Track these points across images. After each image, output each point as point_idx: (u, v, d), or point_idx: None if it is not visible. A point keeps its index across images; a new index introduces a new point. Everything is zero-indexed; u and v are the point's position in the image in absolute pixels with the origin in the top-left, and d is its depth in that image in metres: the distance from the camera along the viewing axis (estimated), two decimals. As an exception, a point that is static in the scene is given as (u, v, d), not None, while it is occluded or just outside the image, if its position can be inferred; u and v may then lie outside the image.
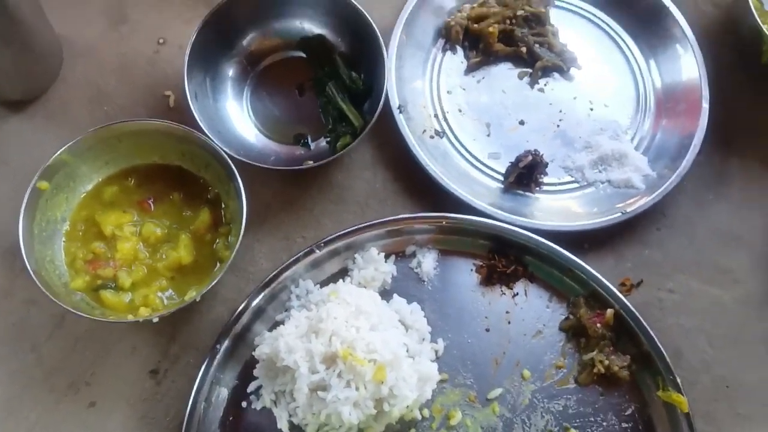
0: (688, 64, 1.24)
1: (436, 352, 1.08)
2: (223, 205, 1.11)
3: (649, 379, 1.06)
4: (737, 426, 1.09)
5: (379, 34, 1.15)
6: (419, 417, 1.04)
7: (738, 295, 1.15)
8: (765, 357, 1.12)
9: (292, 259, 1.08)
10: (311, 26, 1.24)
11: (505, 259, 1.13)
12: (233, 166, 1.05)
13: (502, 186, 1.21)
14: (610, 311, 1.07)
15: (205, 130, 1.09)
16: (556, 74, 1.27)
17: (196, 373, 1.02)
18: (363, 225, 1.11)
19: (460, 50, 1.29)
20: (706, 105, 1.20)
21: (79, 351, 1.09)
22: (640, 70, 1.28)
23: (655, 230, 1.18)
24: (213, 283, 1.00)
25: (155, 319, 0.98)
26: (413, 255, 1.14)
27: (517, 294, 1.12)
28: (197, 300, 1.00)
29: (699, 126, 1.19)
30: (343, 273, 1.12)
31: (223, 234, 1.10)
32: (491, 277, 1.13)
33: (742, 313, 1.14)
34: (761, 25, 1.18)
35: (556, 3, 1.32)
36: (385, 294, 1.11)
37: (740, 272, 1.16)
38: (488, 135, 1.24)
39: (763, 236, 1.18)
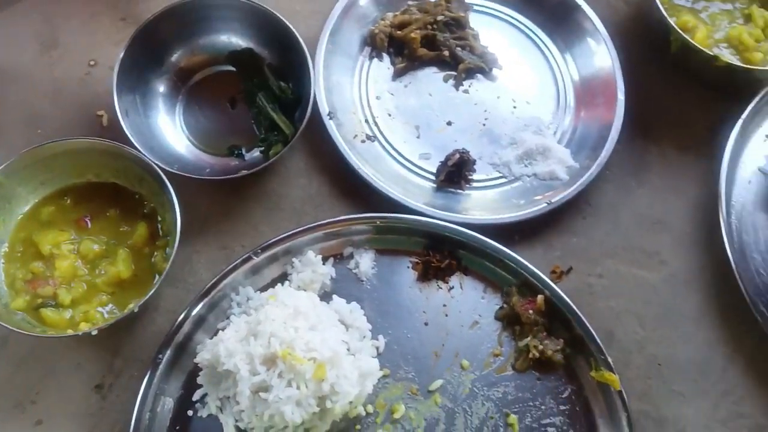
0: (602, 58, 1.30)
1: (377, 348, 1.11)
2: (159, 219, 1.13)
3: (582, 361, 1.10)
4: (672, 402, 1.13)
5: (303, 45, 1.19)
6: (363, 413, 1.07)
7: (664, 275, 1.20)
8: (694, 333, 1.17)
9: (230, 267, 1.10)
10: (239, 40, 1.27)
11: (440, 254, 1.16)
12: (165, 179, 1.07)
13: (434, 185, 1.24)
14: (540, 297, 1.11)
15: (138, 146, 1.11)
16: (479, 75, 1.32)
17: (140, 385, 1.03)
18: (299, 229, 1.14)
19: (386, 57, 1.33)
20: (621, 96, 1.26)
21: (24, 370, 1.09)
22: (558, 66, 1.33)
23: (581, 219, 1.23)
24: (150, 294, 1.01)
25: (94, 332, 0.99)
26: (351, 256, 1.16)
27: (453, 287, 1.16)
28: (135, 311, 1.01)
29: (616, 116, 1.25)
30: (283, 278, 1.14)
31: (160, 247, 1.11)
32: (427, 273, 1.16)
33: (670, 293, 1.19)
34: (667, 17, 1.25)
35: (475, 7, 1.37)
36: (326, 296, 1.13)
37: (665, 254, 1.21)
38: (418, 137, 1.28)
39: (685, 218, 1.24)
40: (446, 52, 1.31)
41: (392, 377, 1.10)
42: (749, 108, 1.26)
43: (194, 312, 1.08)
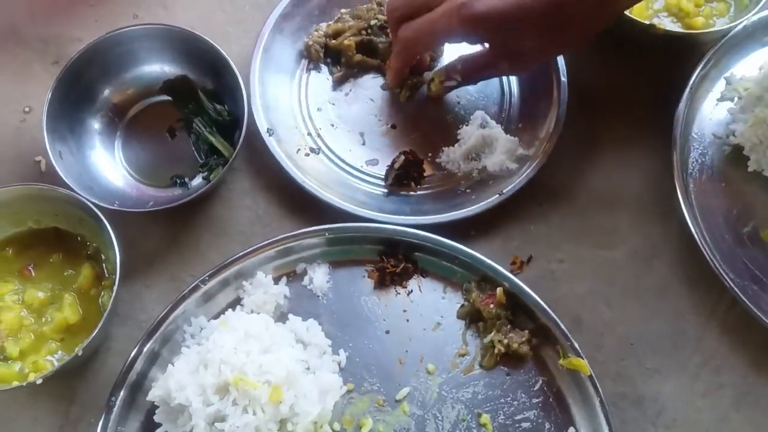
0: (539, 42, 1.27)
1: (339, 363, 1.08)
2: (103, 258, 1.11)
3: (550, 350, 1.07)
4: (648, 380, 1.10)
5: (233, 65, 1.17)
6: (330, 431, 1.03)
7: (626, 252, 1.17)
8: (663, 307, 1.14)
9: (179, 298, 1.08)
10: (171, 69, 1.25)
11: (394, 259, 1.14)
12: (102, 217, 1.05)
13: (384, 190, 1.22)
14: (499, 290, 1.08)
15: (74, 187, 1.09)
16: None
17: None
18: (246, 251, 1.11)
19: (324, 67, 1.31)
20: (564, 78, 1.24)
21: (-21, 431, 1.06)
22: (497, 55, 1.31)
23: (537, 206, 1.20)
24: (93, 336, 0.99)
25: (39, 381, 0.96)
26: (304, 272, 1.14)
27: (412, 291, 1.13)
28: (80, 355, 0.98)
29: (561, 99, 1.22)
30: (236, 303, 1.11)
31: (107, 287, 1.09)
32: (384, 280, 1.13)
33: (633, 269, 1.16)
34: (599, -7, 1.23)
35: (408, 7, 1.35)
36: (282, 316, 1.11)
37: (625, 231, 1.19)
38: (363, 143, 1.25)
39: (641, 192, 1.21)
40: (384, 64, 1.29)
41: (357, 391, 1.07)
42: (696, 74, 1.23)
43: (146, 348, 1.05)
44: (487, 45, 1.15)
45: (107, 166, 1.21)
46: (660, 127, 1.22)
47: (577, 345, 1.05)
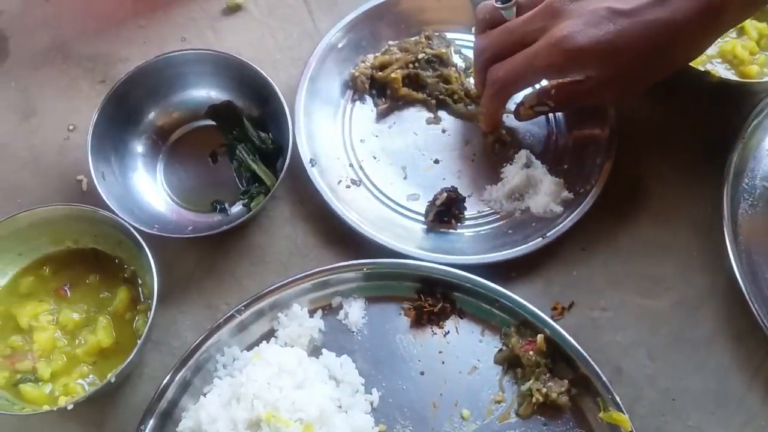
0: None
1: (371, 403, 1.05)
2: (140, 282, 1.10)
3: (590, 401, 1.04)
4: (690, 437, 1.06)
5: (280, 94, 1.16)
6: (360, 473, 1.01)
7: (672, 302, 1.14)
8: (707, 362, 1.10)
9: (214, 326, 1.06)
10: (217, 93, 1.25)
11: (433, 298, 1.11)
12: (142, 241, 1.04)
13: (424, 226, 1.20)
14: (540, 337, 1.05)
15: (114, 209, 1.08)
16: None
17: (124, 458, 0.99)
18: (284, 282, 1.10)
19: (368, 99, 1.30)
20: (612, 122, 1.21)
21: (6, 452, 1.05)
22: (545, 94, 1.29)
23: (580, 250, 1.17)
24: (128, 362, 0.98)
25: (70, 407, 0.95)
26: (340, 306, 1.12)
27: (449, 332, 1.11)
28: (112, 381, 0.97)
29: (609, 143, 1.20)
30: (270, 334, 1.10)
31: (142, 311, 1.08)
32: (420, 318, 1.11)
33: (678, 320, 1.13)
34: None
35: (457, 42, 1.34)
36: (315, 350, 1.09)
37: (670, 279, 1.15)
38: (405, 177, 1.24)
39: (689, 241, 1.18)
40: (430, 98, 1.29)
41: (389, 433, 1.04)
42: (749, 121, 1.21)
43: (178, 377, 1.04)
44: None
45: (149, 189, 1.20)
46: (710, 175, 1.19)
47: (618, 399, 1.01)
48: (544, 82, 1.20)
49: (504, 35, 1.11)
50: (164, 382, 1.03)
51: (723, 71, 1.25)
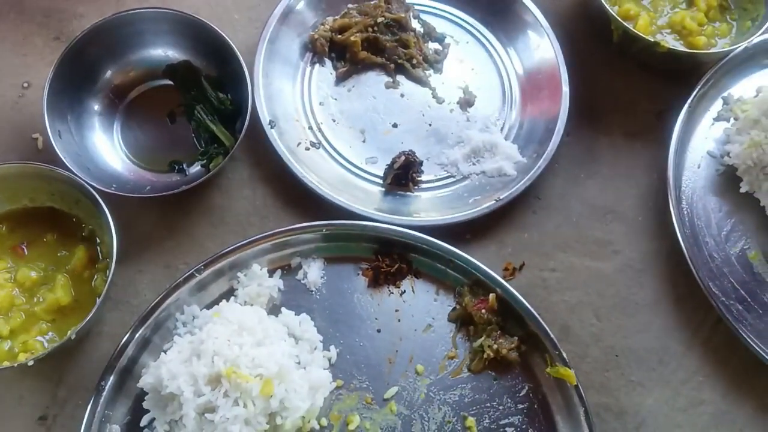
0: (545, 50, 1.28)
1: (329, 359, 1.08)
2: (98, 241, 1.10)
3: (538, 357, 1.09)
4: (631, 393, 1.12)
5: (239, 54, 1.16)
6: (317, 427, 1.04)
7: (618, 265, 1.19)
8: (650, 322, 1.16)
9: (173, 285, 1.08)
10: (175, 53, 1.24)
11: (390, 258, 1.14)
12: (100, 200, 1.04)
13: (382, 189, 1.22)
14: (492, 296, 1.09)
15: (71, 168, 1.08)
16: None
17: (84, 414, 1.00)
18: (243, 242, 1.11)
19: (328, 62, 1.31)
20: (566, 88, 1.25)
21: (-36, 407, 1.06)
22: (502, 61, 1.32)
23: (532, 213, 1.21)
24: (88, 320, 0.99)
25: (30, 363, 0.96)
26: (299, 266, 1.14)
27: (405, 291, 1.14)
28: (73, 338, 0.98)
29: (561, 108, 1.23)
30: (229, 293, 1.12)
31: (101, 270, 1.08)
32: (378, 278, 1.14)
33: (624, 282, 1.18)
34: (607, 6, 1.24)
35: (416, 6, 1.35)
36: (274, 309, 1.11)
37: (618, 243, 1.20)
38: (363, 141, 1.26)
39: (636, 206, 1.23)
40: (391, 65, 1.30)
41: (346, 388, 1.07)
42: (695, 92, 1.25)
43: (138, 334, 1.05)
44: None
45: (106, 148, 1.20)
46: (658, 142, 1.24)
47: (564, 355, 1.06)
48: None
49: None
50: (124, 339, 1.04)
51: (672, 41, 1.28)
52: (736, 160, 1.22)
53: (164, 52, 1.24)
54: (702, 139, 1.27)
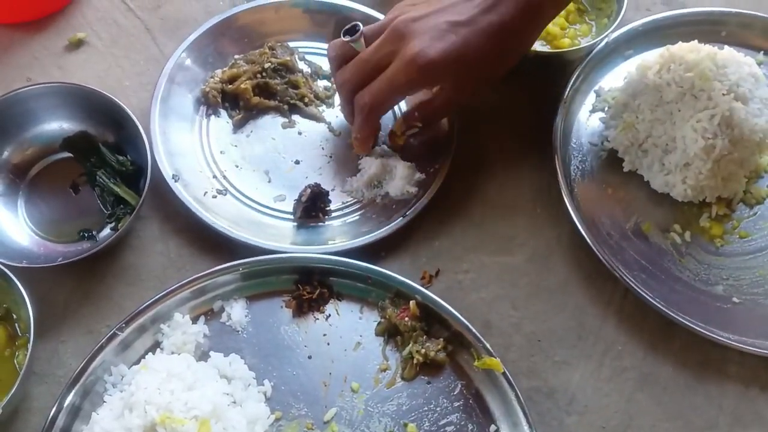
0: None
1: (265, 393, 1.10)
2: (15, 317, 1.10)
3: (465, 354, 1.13)
4: (558, 372, 1.16)
5: (132, 116, 1.20)
6: (262, 460, 1.05)
7: (526, 256, 1.25)
8: (564, 303, 1.22)
9: (96, 348, 1.07)
10: (70, 125, 1.26)
11: (310, 286, 1.17)
12: (12, 276, 1.05)
13: (294, 223, 1.26)
14: (412, 303, 1.13)
15: (-23, 249, 1.08)
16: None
17: (20, 494, 0.98)
18: (161, 294, 1.12)
19: (223, 112, 1.36)
20: (450, 102, 1.32)
21: None
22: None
23: (438, 223, 1.27)
24: (10, 397, 0.98)
25: (-44, 447, 0.94)
26: (222, 309, 1.16)
27: (330, 315, 1.17)
28: (-2, 416, 0.97)
29: (451, 124, 1.31)
30: (156, 347, 1.12)
31: (21, 346, 1.08)
32: (302, 307, 1.17)
33: (534, 271, 1.24)
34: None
35: (300, 49, 1.41)
36: (204, 355, 1.12)
37: (521, 236, 1.27)
38: (269, 181, 1.30)
39: (530, 200, 1.30)
40: (285, 106, 1.36)
41: (285, 418, 1.09)
42: (568, 89, 1.34)
43: (66, 403, 1.04)
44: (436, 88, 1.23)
45: (11, 226, 1.20)
46: (543, 140, 1.32)
47: (489, 346, 1.11)
48: (405, 107, 1.33)
49: (360, 65, 1.19)
50: (53, 411, 1.03)
51: (539, 47, 1.39)
52: (615, 143, 1.32)
53: (59, 125, 1.26)
54: (582, 131, 1.37)
